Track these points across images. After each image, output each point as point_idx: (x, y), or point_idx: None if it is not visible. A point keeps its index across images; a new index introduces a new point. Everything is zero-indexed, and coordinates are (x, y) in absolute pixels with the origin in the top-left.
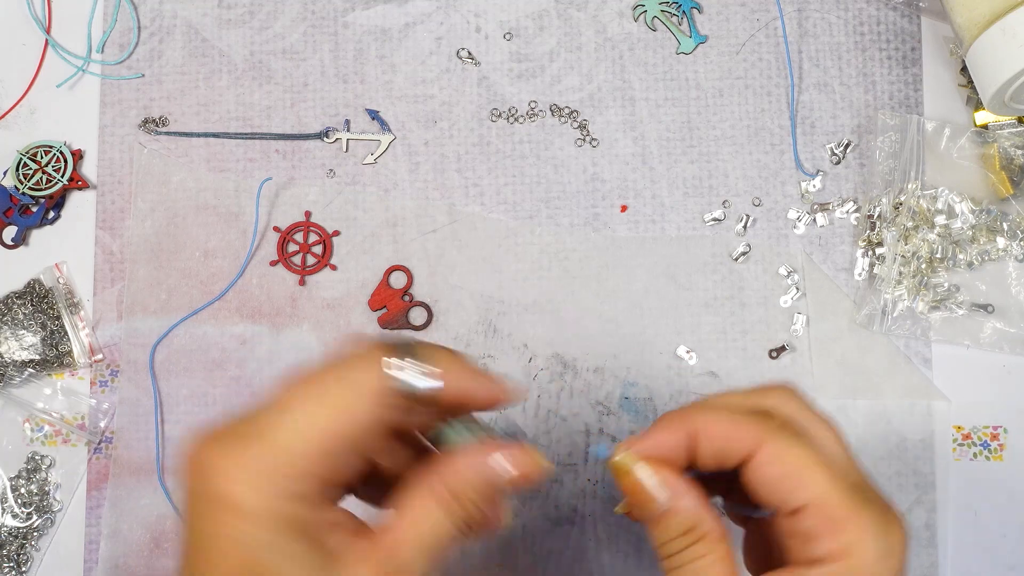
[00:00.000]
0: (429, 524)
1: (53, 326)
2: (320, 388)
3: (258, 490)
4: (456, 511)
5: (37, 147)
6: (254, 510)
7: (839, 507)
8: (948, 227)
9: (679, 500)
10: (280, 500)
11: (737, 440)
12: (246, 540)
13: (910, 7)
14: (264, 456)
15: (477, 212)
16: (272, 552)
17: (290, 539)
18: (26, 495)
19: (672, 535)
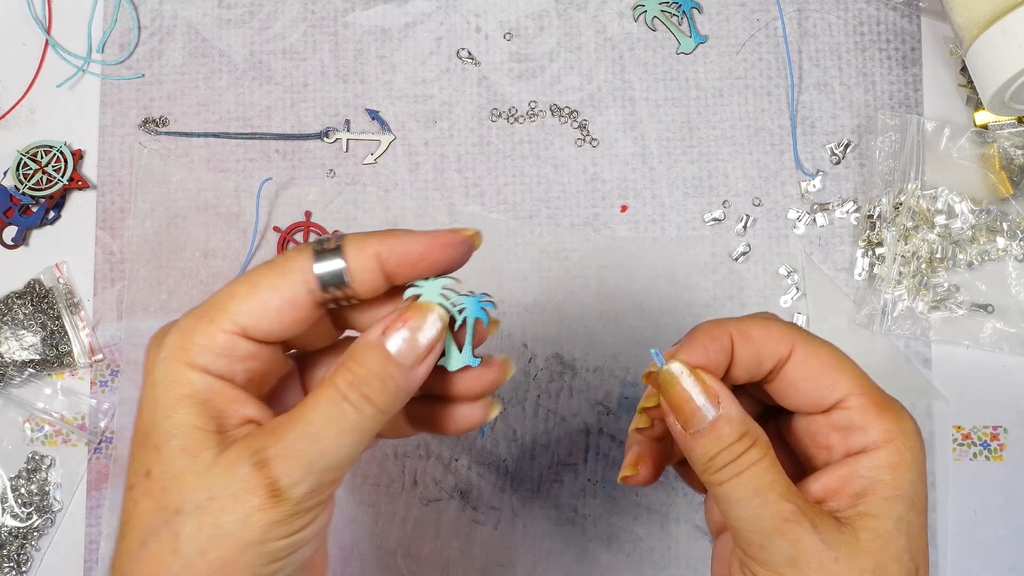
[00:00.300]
0: (317, 404)
1: (53, 326)
2: (249, 278)
3: (165, 352)
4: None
5: (37, 147)
6: (156, 373)
7: (877, 396)
8: (948, 227)
9: (731, 406)
10: (178, 364)
11: (776, 341)
12: (146, 402)
13: (910, 7)
14: (179, 324)
15: (477, 212)
16: (163, 414)
17: (176, 401)
18: (26, 495)
19: (726, 443)
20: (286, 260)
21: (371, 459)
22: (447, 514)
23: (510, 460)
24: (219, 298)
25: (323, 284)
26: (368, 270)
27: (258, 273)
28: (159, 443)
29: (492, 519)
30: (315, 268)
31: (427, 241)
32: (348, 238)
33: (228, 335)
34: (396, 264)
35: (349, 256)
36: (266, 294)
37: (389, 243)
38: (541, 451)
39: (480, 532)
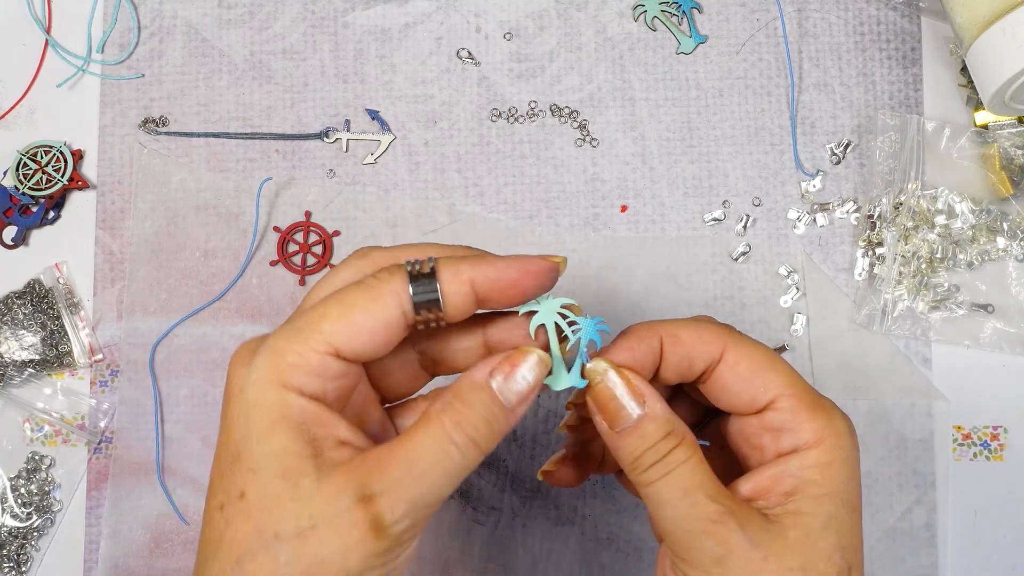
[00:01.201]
0: (423, 439)
1: (53, 326)
2: (342, 298)
3: (256, 372)
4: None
5: (37, 147)
6: (247, 392)
7: (808, 396)
8: (948, 227)
9: (655, 404)
10: (272, 386)
11: (706, 343)
12: (236, 422)
13: (910, 7)
14: (270, 343)
15: (477, 212)
16: (249, 430)
17: (272, 425)
18: (26, 495)
19: (651, 441)
20: (379, 282)
21: None
22: (447, 514)
23: (510, 460)
24: (311, 318)
25: (417, 307)
26: (462, 295)
27: (351, 293)
28: (255, 466)
29: (492, 519)
30: (412, 292)
31: (519, 268)
32: (442, 262)
33: (321, 355)
34: (488, 290)
35: (444, 281)
36: (359, 315)
37: (483, 270)
38: (541, 451)
39: (480, 532)
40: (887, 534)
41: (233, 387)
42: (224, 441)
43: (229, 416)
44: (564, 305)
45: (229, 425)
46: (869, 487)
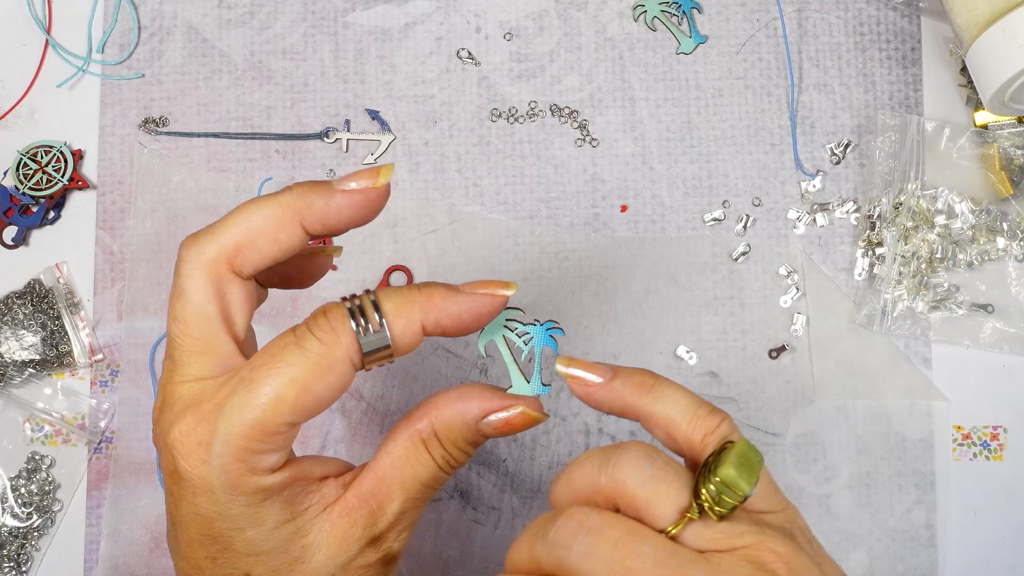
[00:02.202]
0: (415, 468)
1: (53, 326)
2: (295, 376)
3: (221, 471)
4: (438, 452)
5: (37, 147)
6: (218, 490)
7: None
8: (948, 227)
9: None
10: (245, 476)
11: None
12: (206, 514)
13: (910, 7)
14: (226, 437)
15: (477, 212)
16: (236, 522)
17: (258, 509)
18: (26, 495)
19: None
20: (329, 350)
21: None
22: (447, 514)
23: (510, 460)
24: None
25: (367, 358)
26: (411, 336)
27: (298, 367)
28: (255, 550)
29: (492, 519)
30: (364, 350)
31: (468, 308)
32: (388, 306)
33: (284, 435)
34: (435, 328)
35: (395, 331)
36: (315, 389)
37: (432, 312)
38: (541, 451)
39: (480, 532)
40: (886, 534)
41: (194, 482)
42: (198, 537)
43: (199, 512)
44: (509, 318)
45: (203, 520)
46: (869, 487)
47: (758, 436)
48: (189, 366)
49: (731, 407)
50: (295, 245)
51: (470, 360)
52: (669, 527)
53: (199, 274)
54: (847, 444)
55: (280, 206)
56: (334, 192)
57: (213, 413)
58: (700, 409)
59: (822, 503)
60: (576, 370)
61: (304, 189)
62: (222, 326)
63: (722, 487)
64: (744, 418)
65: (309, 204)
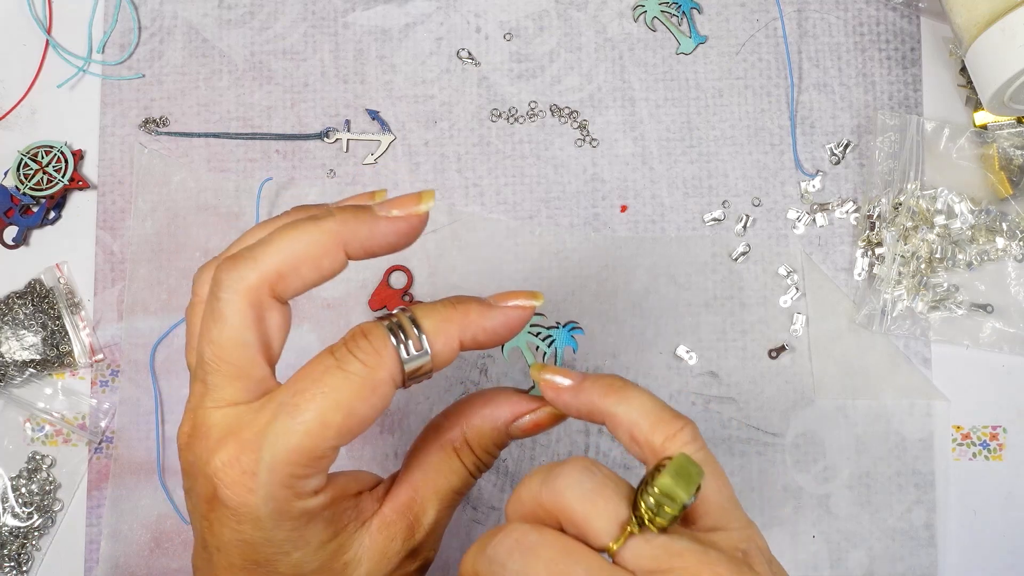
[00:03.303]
0: (448, 476)
1: (54, 326)
2: (340, 400)
3: (269, 498)
4: (470, 459)
5: (38, 147)
6: (265, 517)
7: None
8: (947, 227)
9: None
10: (291, 502)
11: None
12: (252, 541)
13: (910, 7)
14: (271, 463)
15: (477, 212)
16: (282, 547)
17: (302, 532)
18: (27, 495)
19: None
20: (372, 372)
21: (372, 459)
22: None
23: (510, 460)
24: (310, 427)
25: (409, 377)
26: (449, 352)
27: (343, 391)
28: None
29: (492, 519)
30: (407, 374)
31: (501, 319)
32: (430, 329)
33: (329, 458)
34: (472, 343)
35: (436, 348)
36: (362, 411)
37: (472, 330)
38: (541, 451)
39: (480, 532)
40: (886, 534)
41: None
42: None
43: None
44: (532, 323)
45: (248, 547)
46: (868, 487)
47: (758, 436)
48: (223, 390)
49: (731, 407)
50: (336, 270)
51: (471, 360)
52: (611, 543)
53: (239, 299)
54: (847, 444)
55: (323, 233)
56: (377, 219)
57: (256, 441)
58: (663, 413)
59: (822, 503)
60: (548, 375)
61: (347, 216)
62: (259, 351)
63: (660, 497)
64: (744, 418)
65: (353, 231)
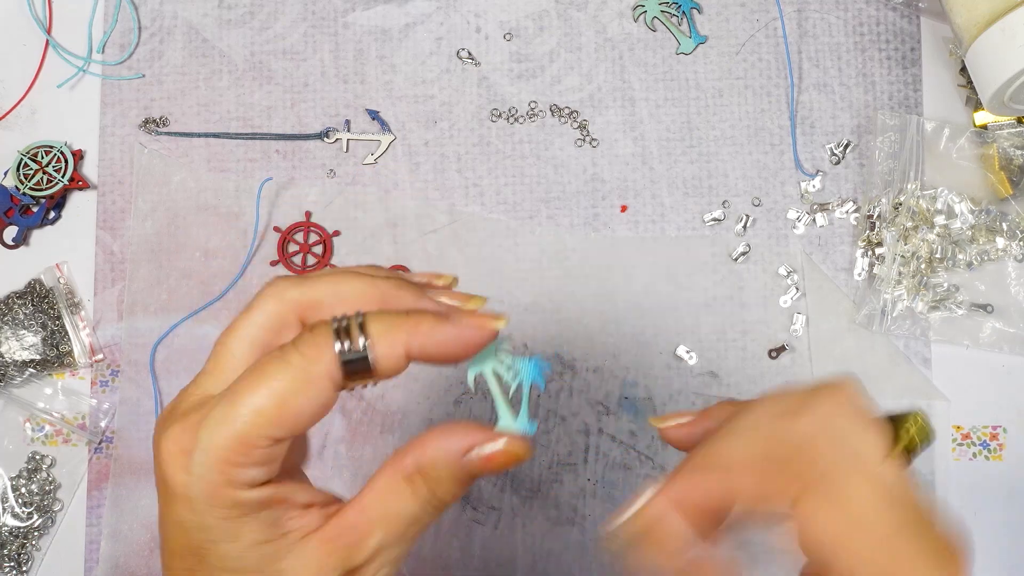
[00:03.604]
0: (396, 504)
1: (54, 326)
2: (272, 388)
3: (200, 479)
4: (422, 489)
5: (38, 147)
6: (195, 499)
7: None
8: (947, 227)
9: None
10: (222, 488)
11: (769, 501)
12: (185, 524)
13: (910, 7)
14: (205, 445)
15: (477, 212)
16: (212, 534)
17: (234, 524)
18: (27, 495)
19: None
20: (307, 361)
21: (373, 458)
22: (447, 514)
23: None
24: (241, 410)
25: (347, 377)
26: (394, 360)
27: (278, 379)
28: (229, 566)
29: (492, 519)
30: (342, 363)
31: (456, 336)
32: (373, 326)
33: (263, 449)
34: (423, 354)
35: (377, 348)
36: (295, 403)
37: (418, 338)
38: (541, 451)
39: (480, 532)
40: None
41: (174, 489)
42: (177, 543)
43: (179, 521)
44: (500, 349)
45: (180, 529)
46: None
47: None
48: (203, 384)
49: None
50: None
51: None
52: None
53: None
54: None
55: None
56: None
57: (197, 423)
58: None
59: None
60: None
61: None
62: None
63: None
64: None
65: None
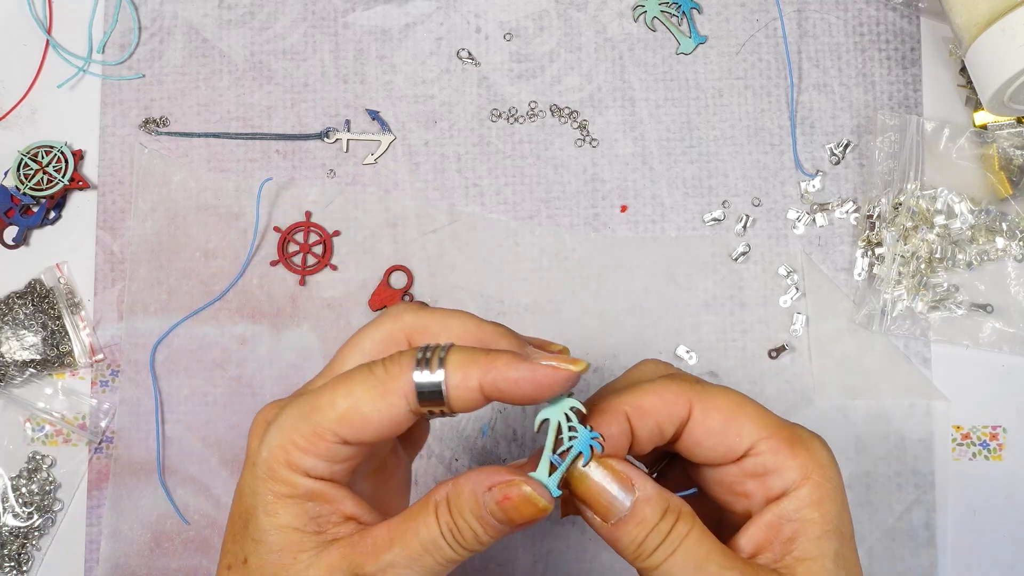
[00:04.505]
0: (415, 524)
1: (54, 326)
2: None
3: (267, 449)
4: (444, 516)
5: (38, 147)
6: (256, 461)
7: (786, 433)
8: (947, 227)
9: (647, 485)
10: (281, 465)
11: (671, 406)
12: (245, 487)
13: (909, 7)
14: (282, 422)
15: (477, 212)
16: (258, 501)
17: (278, 501)
18: (27, 495)
19: (651, 524)
20: (388, 376)
21: None
22: None
23: (510, 460)
24: (321, 403)
25: (421, 403)
26: (467, 395)
27: (359, 385)
28: (259, 537)
29: None
30: (418, 391)
31: (533, 380)
32: (452, 360)
33: (329, 443)
34: (494, 390)
35: (450, 382)
36: (366, 409)
37: (493, 376)
38: None
39: None
40: (886, 534)
41: (249, 456)
42: (237, 506)
43: (242, 484)
44: (573, 408)
45: (241, 493)
46: (868, 487)
47: None
48: (314, 382)
49: None
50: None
51: None
52: None
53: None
54: (847, 444)
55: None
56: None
57: (288, 402)
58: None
59: None
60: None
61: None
62: None
63: None
64: None
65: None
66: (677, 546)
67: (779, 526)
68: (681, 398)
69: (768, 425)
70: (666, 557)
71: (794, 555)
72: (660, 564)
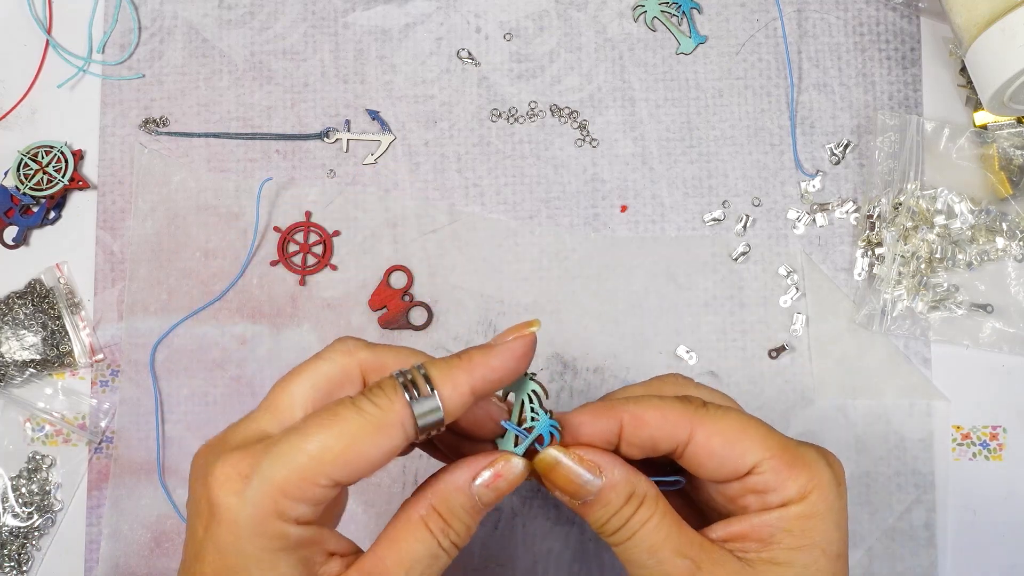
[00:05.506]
0: (412, 545)
1: (54, 326)
2: (343, 430)
3: (252, 505)
4: (438, 525)
5: (38, 147)
6: (242, 523)
7: (788, 453)
8: (947, 227)
9: (612, 471)
10: (271, 518)
11: (671, 426)
12: (224, 547)
13: (910, 7)
14: (267, 474)
15: (477, 212)
16: (248, 561)
17: (273, 555)
18: (27, 495)
19: (614, 508)
20: (381, 411)
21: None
22: None
23: None
24: (310, 449)
25: (422, 430)
26: (461, 399)
27: (352, 424)
28: None
29: (492, 519)
30: (416, 416)
31: (510, 358)
32: (437, 375)
33: (321, 488)
34: (483, 385)
35: (445, 397)
36: (364, 448)
37: (479, 374)
38: None
39: (480, 532)
40: (886, 534)
41: (221, 513)
42: (210, 570)
43: (219, 543)
44: (534, 391)
45: (219, 553)
46: (868, 487)
47: None
48: (258, 420)
49: None
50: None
51: None
52: None
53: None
54: (847, 444)
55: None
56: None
57: (261, 451)
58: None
59: None
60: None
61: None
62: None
63: None
64: None
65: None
66: (636, 531)
67: (759, 528)
68: (683, 420)
69: (772, 446)
70: (625, 539)
71: (762, 555)
72: (620, 544)
